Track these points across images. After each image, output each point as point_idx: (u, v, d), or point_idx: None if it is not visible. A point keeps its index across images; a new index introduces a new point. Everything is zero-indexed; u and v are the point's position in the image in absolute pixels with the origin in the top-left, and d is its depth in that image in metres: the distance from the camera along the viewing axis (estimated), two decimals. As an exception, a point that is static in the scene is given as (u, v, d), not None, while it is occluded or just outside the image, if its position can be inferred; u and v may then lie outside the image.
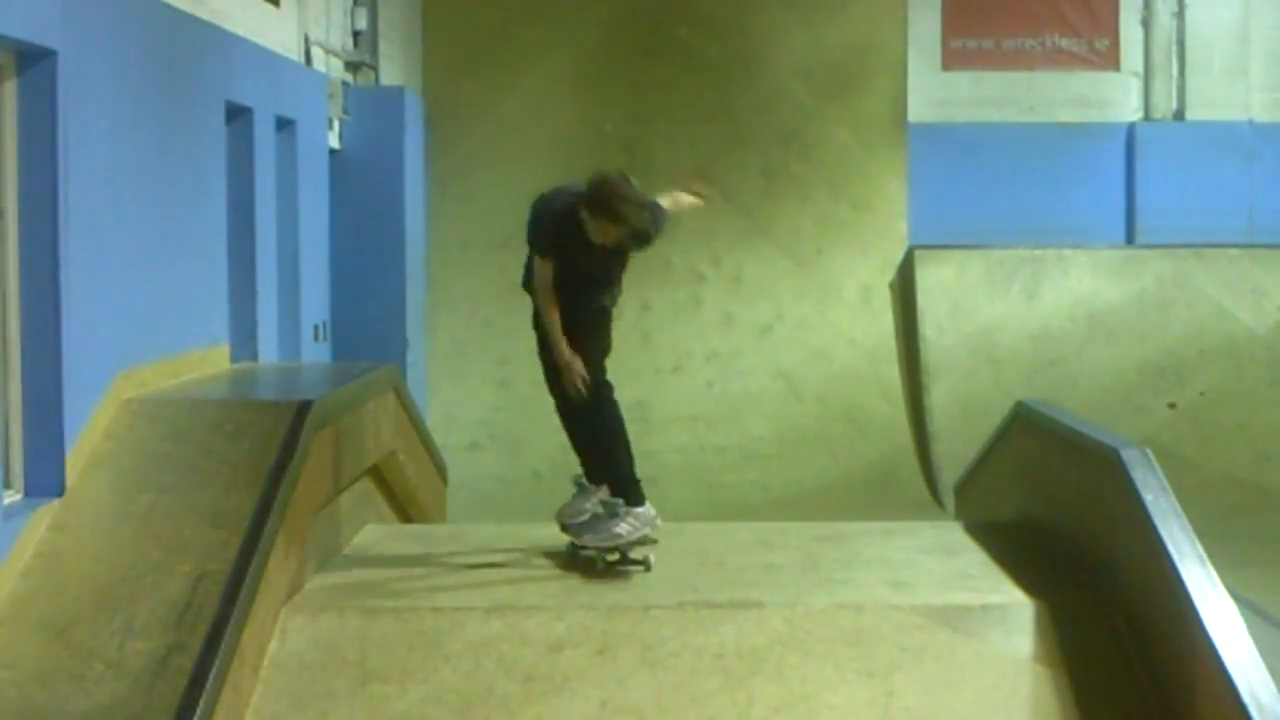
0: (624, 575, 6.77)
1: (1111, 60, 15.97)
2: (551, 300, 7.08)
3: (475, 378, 15.13)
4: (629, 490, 7.00)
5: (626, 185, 6.77)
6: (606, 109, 15.63)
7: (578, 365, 6.94)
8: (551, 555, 7.19)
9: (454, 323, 15.23)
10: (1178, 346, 15.11)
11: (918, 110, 15.85)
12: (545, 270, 7.11)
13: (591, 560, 6.88)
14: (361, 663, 5.94)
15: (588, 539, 6.93)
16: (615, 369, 7.31)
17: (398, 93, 13.22)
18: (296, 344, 10.40)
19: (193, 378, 7.72)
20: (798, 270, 15.59)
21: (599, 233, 6.81)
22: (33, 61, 6.14)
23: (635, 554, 6.88)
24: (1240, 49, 15.76)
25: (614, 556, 6.87)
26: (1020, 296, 15.38)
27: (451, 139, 15.22)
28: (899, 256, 15.61)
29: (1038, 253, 15.49)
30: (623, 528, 6.87)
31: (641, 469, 7.23)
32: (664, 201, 7.22)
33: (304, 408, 6.52)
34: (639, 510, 6.95)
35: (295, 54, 10.76)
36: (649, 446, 14.18)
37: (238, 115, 9.07)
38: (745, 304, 15.45)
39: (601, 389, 7.06)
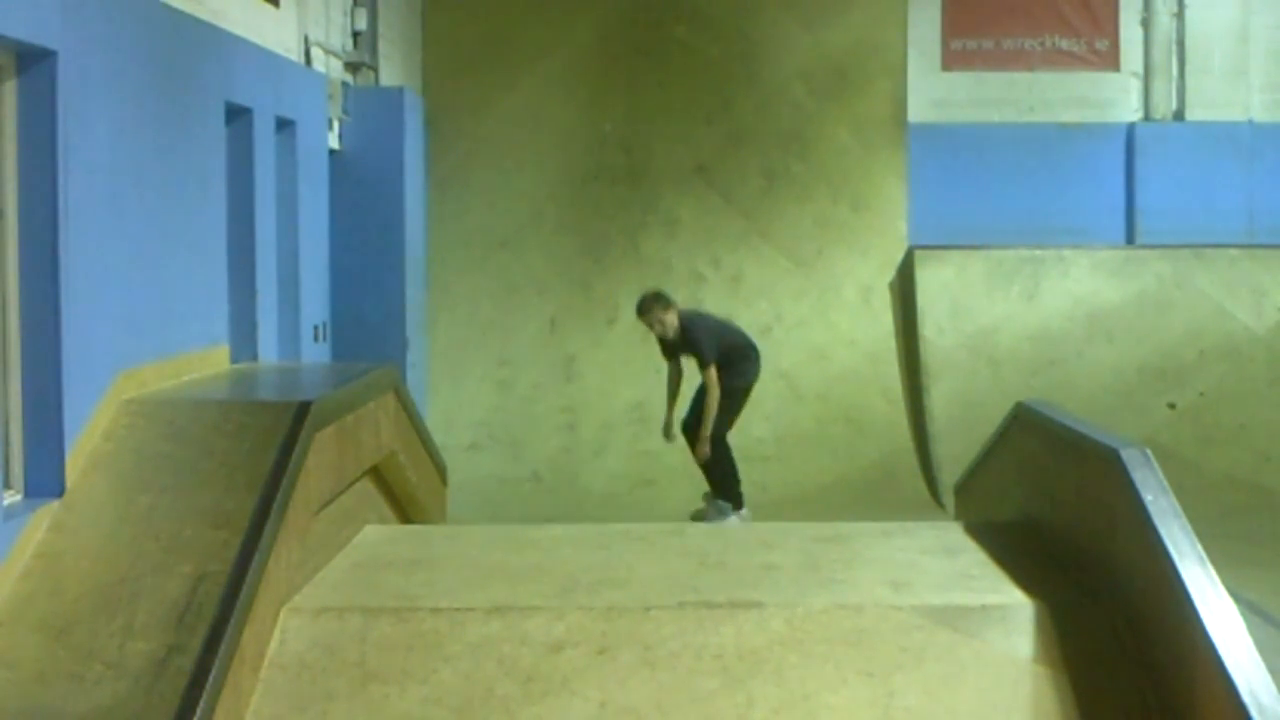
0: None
1: (1111, 60, 15.97)
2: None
3: (475, 378, 15.13)
4: (735, 498, 11.97)
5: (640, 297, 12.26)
6: (606, 109, 15.63)
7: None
8: (552, 554, 7.19)
9: (454, 323, 15.24)
10: (1178, 346, 15.10)
11: (918, 110, 15.85)
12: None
13: None
14: (361, 663, 5.94)
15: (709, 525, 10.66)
16: (616, 370, 7.56)
17: (398, 93, 13.23)
18: (296, 344, 10.40)
19: (193, 378, 7.72)
20: (798, 271, 15.59)
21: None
22: (33, 61, 6.14)
23: None
24: (1240, 49, 15.77)
25: None
26: (1020, 297, 15.38)
27: (451, 139, 15.23)
28: (899, 257, 15.62)
29: (1038, 253, 15.50)
30: (732, 520, 11.40)
31: (641, 469, 7.40)
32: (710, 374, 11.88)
33: (304, 408, 6.52)
34: (742, 511, 11.88)
35: (295, 54, 10.76)
36: (649, 447, 14.19)
37: (238, 115, 9.07)
38: (745, 304, 15.44)
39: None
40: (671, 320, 11.81)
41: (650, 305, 11.93)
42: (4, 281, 6.12)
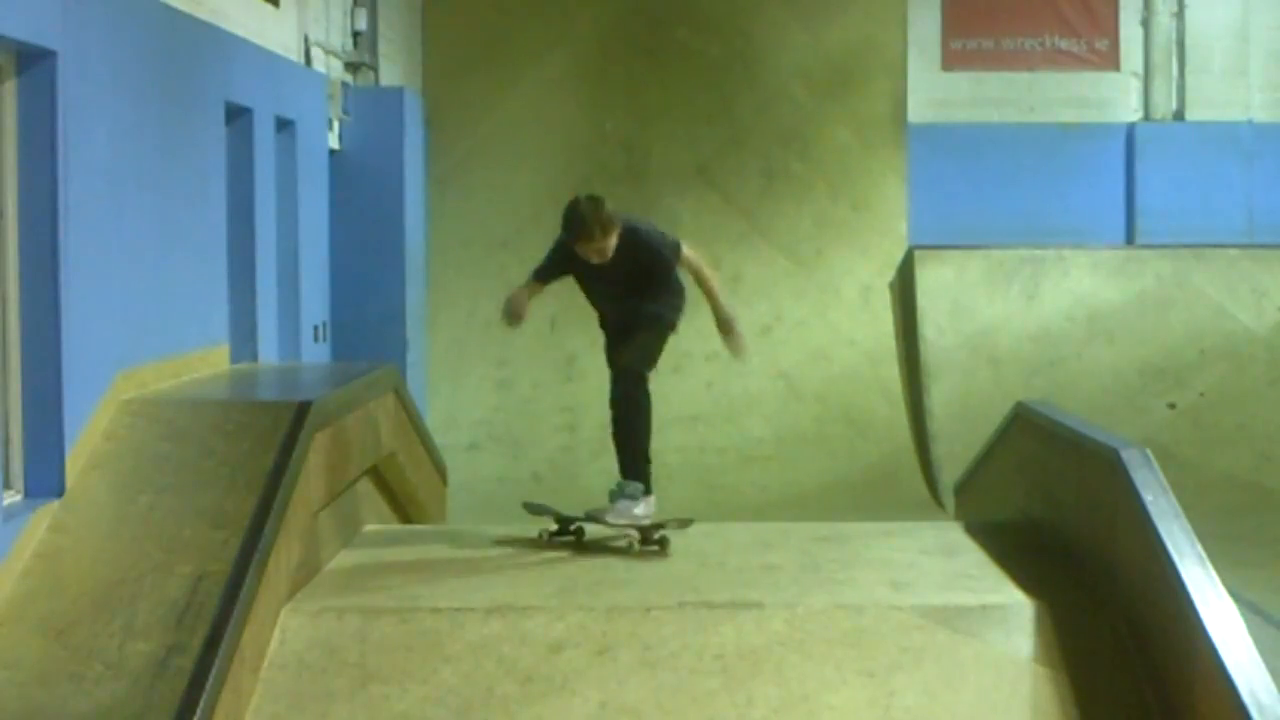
0: (648, 556, 7.15)
1: (1111, 60, 15.97)
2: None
3: (475, 378, 15.13)
4: (645, 475, 7.46)
5: (581, 203, 7.33)
6: (606, 109, 15.63)
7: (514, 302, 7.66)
8: (551, 555, 7.19)
9: (454, 323, 15.23)
10: (1178, 346, 15.11)
11: (918, 110, 15.85)
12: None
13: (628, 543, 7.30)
14: (361, 663, 5.94)
15: (610, 518, 7.28)
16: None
17: (397, 93, 13.23)
18: (296, 344, 10.40)
19: (193, 378, 7.72)
20: (797, 270, 15.59)
21: (588, 254, 7.40)
22: (33, 61, 6.14)
23: (655, 535, 7.30)
24: (1240, 49, 15.77)
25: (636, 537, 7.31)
26: (1020, 296, 15.38)
27: (451, 139, 15.23)
28: (899, 257, 15.62)
29: (1038, 253, 15.50)
30: (641, 509, 7.34)
31: (642, 469, 7.44)
32: (689, 253, 7.74)
33: (304, 408, 6.52)
34: (650, 498, 7.45)
35: (295, 54, 10.76)
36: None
37: (238, 115, 9.07)
38: (745, 304, 15.41)
39: (640, 376, 7.60)
40: (613, 243, 7.43)
41: (598, 227, 7.33)
42: (4, 281, 6.12)
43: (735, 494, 14.15)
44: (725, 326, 7.86)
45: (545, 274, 7.75)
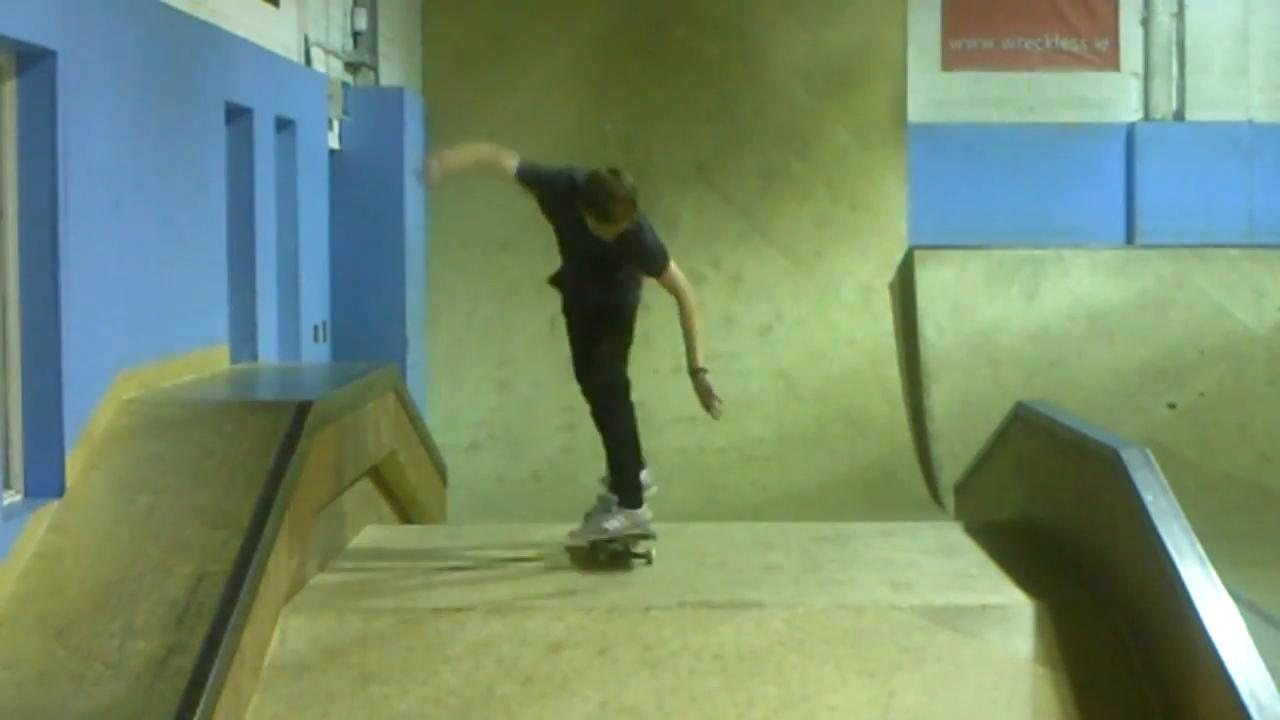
0: (625, 568, 6.95)
1: (1111, 60, 15.97)
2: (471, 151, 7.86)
3: (475, 378, 15.14)
4: (628, 491, 7.16)
5: (615, 183, 7.09)
6: (606, 109, 15.63)
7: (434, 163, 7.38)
8: (551, 555, 7.19)
9: (454, 323, 15.24)
10: (1178, 346, 15.11)
11: (918, 110, 15.86)
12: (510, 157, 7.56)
13: (595, 552, 7.08)
14: (361, 664, 5.94)
15: (576, 534, 7.07)
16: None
17: (397, 93, 13.23)
18: (296, 344, 10.40)
19: (193, 378, 7.72)
20: (797, 271, 15.59)
21: (596, 228, 7.10)
22: (33, 61, 6.14)
23: (639, 548, 7.08)
24: (1240, 49, 15.77)
25: (618, 548, 7.07)
26: (1020, 296, 15.39)
27: (451, 139, 15.15)
28: (899, 257, 15.62)
29: (1038, 253, 15.51)
30: (613, 524, 7.01)
31: (642, 470, 7.43)
32: (674, 270, 7.36)
33: (304, 408, 6.52)
34: (634, 512, 7.09)
35: (295, 54, 10.76)
36: (649, 448, 14.13)
37: (238, 115, 9.07)
38: (745, 305, 15.45)
39: (618, 387, 7.40)
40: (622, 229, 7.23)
41: (626, 211, 7.21)
42: (4, 281, 6.12)
43: (735, 494, 14.15)
44: (697, 378, 7.28)
45: (527, 180, 7.54)
